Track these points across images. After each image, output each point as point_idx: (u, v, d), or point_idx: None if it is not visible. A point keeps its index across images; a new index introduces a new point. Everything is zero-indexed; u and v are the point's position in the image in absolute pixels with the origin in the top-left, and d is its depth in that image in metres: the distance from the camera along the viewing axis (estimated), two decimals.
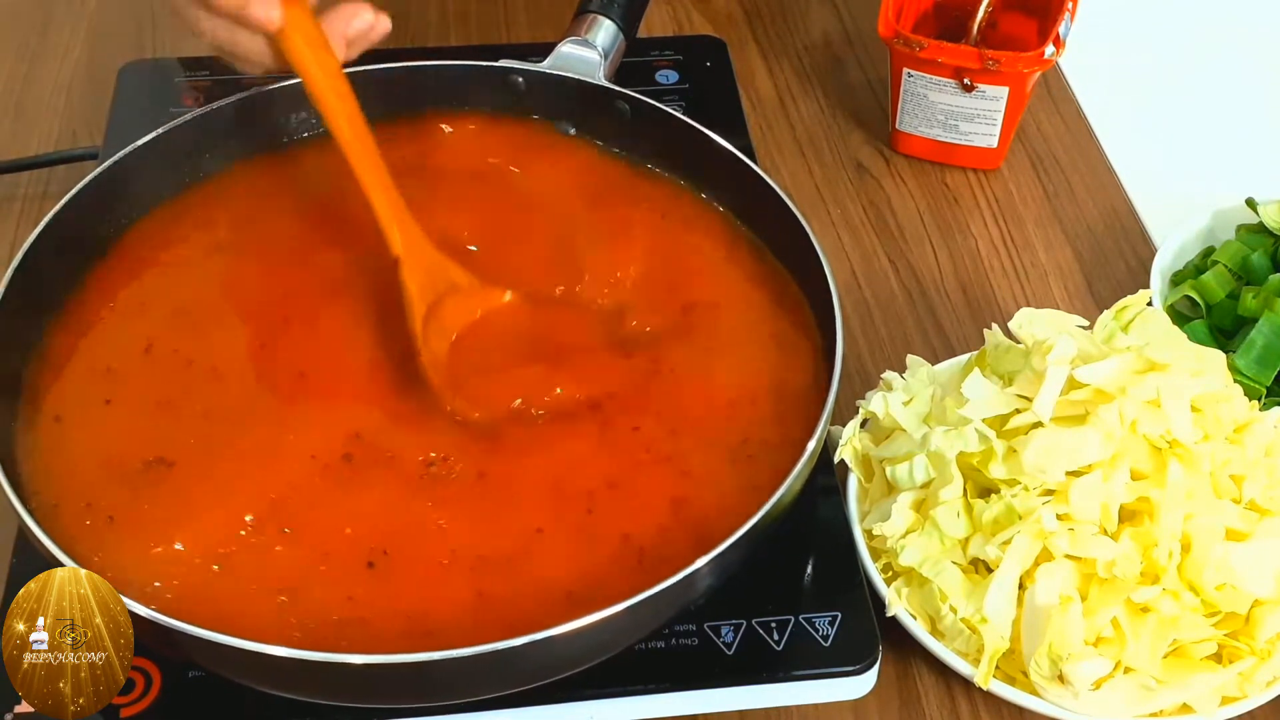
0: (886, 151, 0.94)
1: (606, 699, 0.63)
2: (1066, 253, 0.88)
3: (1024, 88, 0.88)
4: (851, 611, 0.65)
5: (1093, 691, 0.61)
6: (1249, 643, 0.62)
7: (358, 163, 0.66)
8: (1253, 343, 0.73)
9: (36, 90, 0.97)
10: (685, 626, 0.64)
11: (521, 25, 1.03)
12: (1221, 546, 0.61)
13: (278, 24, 0.63)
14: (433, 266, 0.67)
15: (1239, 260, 0.79)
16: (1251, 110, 0.99)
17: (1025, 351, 0.67)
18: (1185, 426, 0.62)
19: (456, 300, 0.67)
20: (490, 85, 0.78)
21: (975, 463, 0.63)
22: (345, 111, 0.66)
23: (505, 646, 0.53)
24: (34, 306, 0.67)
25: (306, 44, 0.64)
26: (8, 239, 0.85)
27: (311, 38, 0.65)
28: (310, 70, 0.65)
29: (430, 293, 0.66)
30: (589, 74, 0.77)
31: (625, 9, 0.80)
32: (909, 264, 0.87)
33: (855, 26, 1.05)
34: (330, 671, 0.54)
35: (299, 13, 0.64)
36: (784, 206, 0.70)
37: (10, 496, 0.58)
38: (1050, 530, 0.61)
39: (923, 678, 0.67)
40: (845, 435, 0.68)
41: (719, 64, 0.96)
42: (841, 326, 0.65)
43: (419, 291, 0.66)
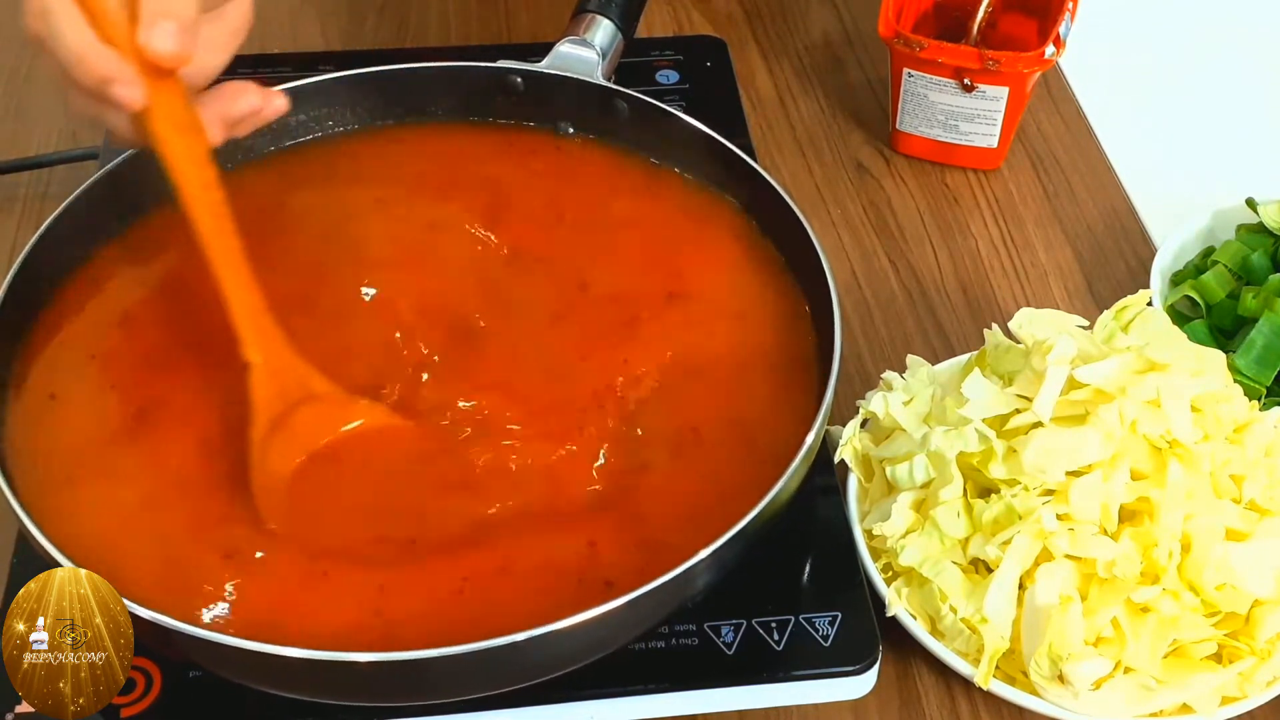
0: (886, 151, 0.94)
1: (606, 699, 0.63)
2: (1066, 253, 0.88)
3: (1024, 88, 0.88)
4: (851, 611, 0.65)
5: (1093, 691, 0.61)
6: (1249, 643, 0.62)
7: (215, 258, 0.61)
8: (1253, 343, 0.73)
9: (36, 90, 0.97)
10: (685, 626, 0.64)
11: (521, 25, 1.03)
12: (1221, 546, 0.61)
13: (140, 104, 0.58)
14: (289, 375, 0.63)
15: (1239, 260, 0.79)
16: (1251, 110, 0.99)
17: (1025, 351, 0.67)
18: (1185, 426, 0.62)
19: (314, 412, 0.63)
20: (489, 85, 0.78)
21: (975, 463, 0.63)
22: (208, 202, 0.61)
23: (504, 642, 0.53)
24: (33, 307, 0.67)
25: (172, 127, 0.59)
26: (8, 239, 0.85)
27: (179, 121, 0.60)
28: (172, 157, 0.60)
29: (280, 404, 0.62)
30: (587, 74, 0.77)
31: (623, 9, 0.80)
32: (909, 264, 0.87)
33: (855, 26, 1.05)
34: (331, 670, 0.54)
35: (168, 94, 0.59)
36: (785, 206, 0.70)
37: (9, 497, 0.58)
38: (1050, 530, 0.61)
39: (923, 678, 0.67)
40: (845, 435, 0.68)
41: (719, 64, 0.97)
42: (841, 326, 0.65)
43: (265, 402, 0.62)
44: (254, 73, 0.90)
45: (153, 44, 0.57)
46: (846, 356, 0.67)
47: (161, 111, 0.59)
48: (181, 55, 0.57)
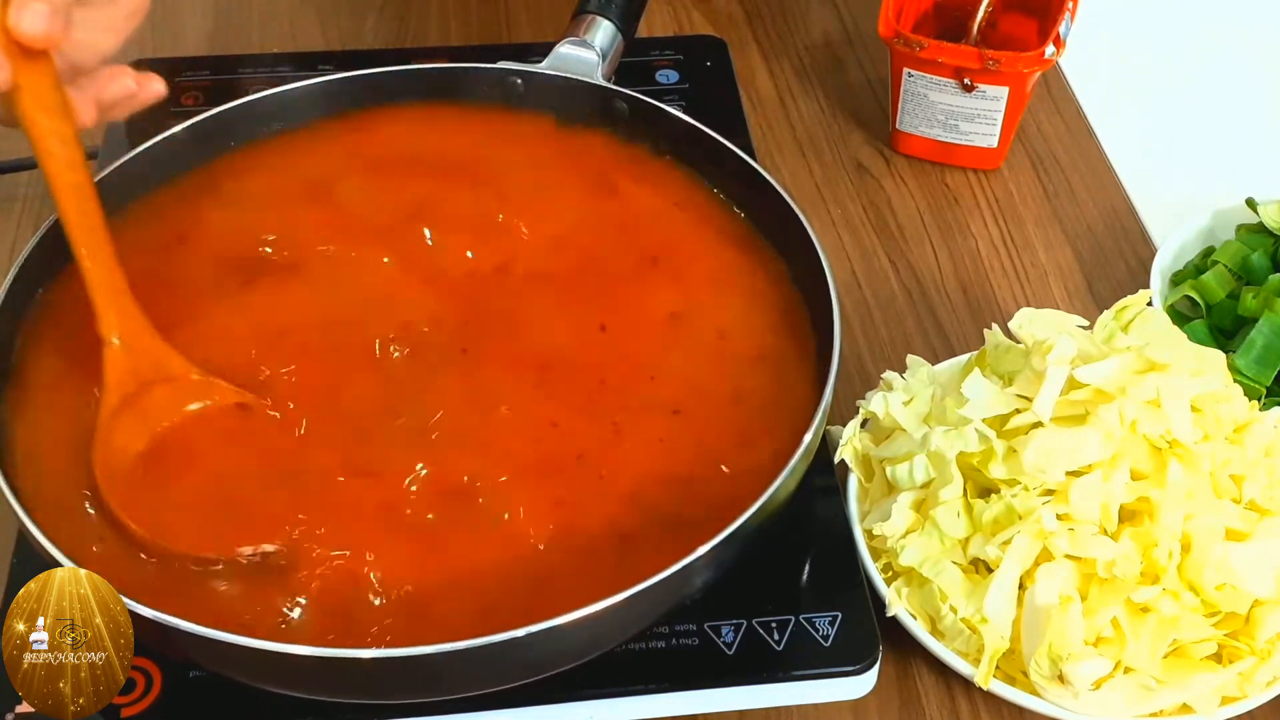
0: (886, 151, 0.94)
1: (606, 699, 0.63)
2: (1066, 253, 0.88)
3: (1024, 88, 0.88)
4: (851, 611, 0.65)
5: (1093, 691, 0.61)
6: (1249, 643, 0.62)
7: (76, 237, 0.62)
8: (1253, 343, 0.73)
9: None
10: (685, 626, 0.64)
11: (521, 25, 1.03)
12: (1221, 546, 0.61)
13: (5, 85, 0.58)
14: (144, 353, 0.63)
15: (1239, 260, 0.79)
16: (1251, 110, 0.99)
17: (1025, 351, 0.67)
18: (1185, 426, 0.62)
19: (169, 392, 0.63)
20: (489, 86, 0.78)
21: (975, 463, 0.63)
22: (71, 182, 0.61)
23: (504, 638, 0.53)
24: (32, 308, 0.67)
25: (39, 108, 0.60)
26: (8, 239, 0.85)
27: (46, 102, 0.60)
28: (38, 136, 0.60)
29: (133, 383, 0.63)
30: (587, 74, 0.77)
31: (623, 9, 0.80)
32: (909, 264, 0.87)
33: (855, 26, 1.05)
34: (331, 667, 0.54)
35: (37, 75, 0.59)
36: (785, 206, 0.70)
37: (10, 497, 0.58)
38: (1050, 530, 0.61)
39: (923, 678, 0.67)
40: (845, 435, 0.68)
41: (719, 64, 0.97)
42: (841, 326, 0.65)
43: (118, 380, 0.62)
44: (253, 73, 0.91)
45: (22, 26, 0.57)
46: (846, 356, 0.67)
47: (29, 93, 0.59)
48: (50, 38, 0.58)
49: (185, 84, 0.88)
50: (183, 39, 0.99)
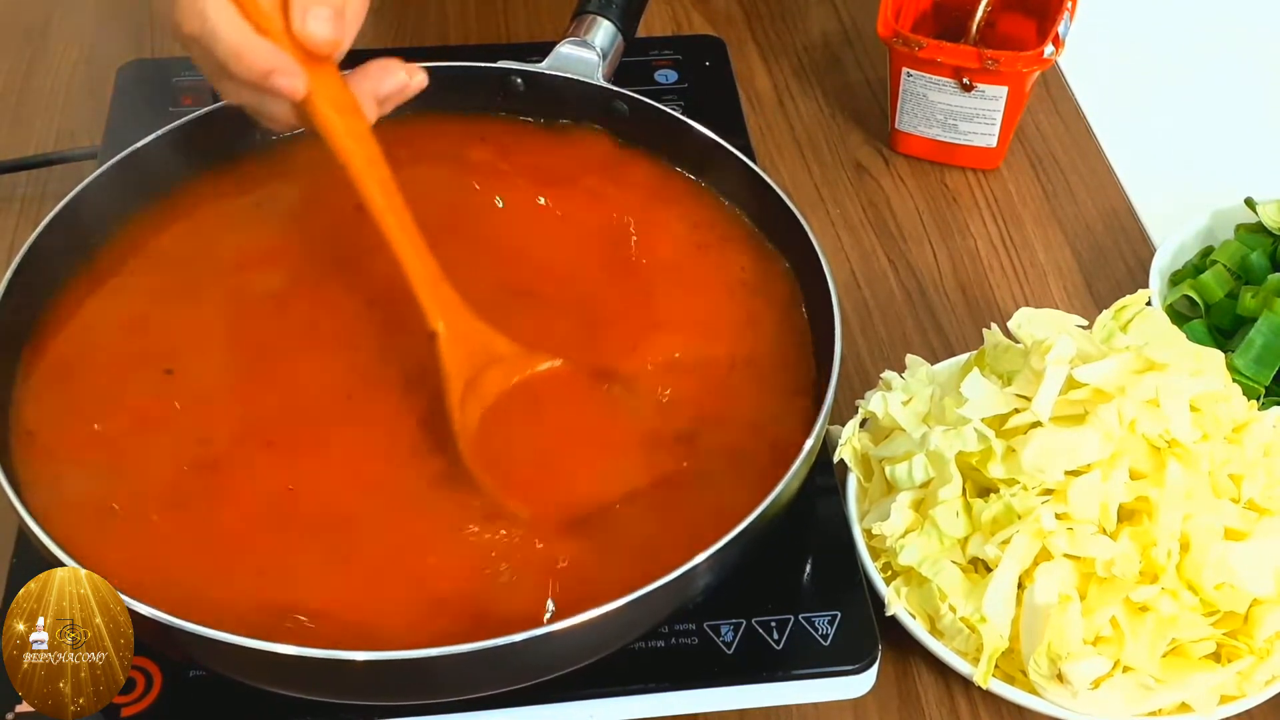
0: (886, 151, 0.94)
1: (606, 698, 0.63)
2: (1065, 252, 0.88)
3: (1023, 87, 0.88)
4: (851, 611, 0.65)
5: (1091, 690, 0.61)
6: (1247, 642, 0.62)
7: (391, 231, 0.62)
8: (1251, 342, 0.73)
9: (36, 90, 0.97)
10: (685, 626, 0.64)
11: (521, 25, 1.03)
12: (1220, 546, 0.61)
13: (303, 93, 0.59)
14: (473, 339, 0.64)
15: (1238, 260, 0.79)
16: (1251, 110, 1.00)
17: (1024, 351, 0.67)
18: (1184, 426, 0.62)
19: (497, 371, 0.64)
20: (489, 86, 0.78)
21: (974, 462, 0.64)
22: (377, 177, 0.62)
23: (503, 643, 0.53)
24: (31, 307, 0.67)
25: (334, 110, 0.61)
26: (7, 239, 0.85)
27: (339, 103, 0.61)
28: (338, 138, 0.61)
29: (469, 369, 0.63)
30: (587, 74, 0.77)
31: (623, 9, 0.80)
32: (908, 264, 0.87)
33: (854, 26, 1.05)
34: (329, 669, 0.54)
35: (326, 78, 0.60)
36: (784, 206, 0.70)
37: (10, 496, 0.58)
38: (1049, 530, 0.61)
39: (922, 677, 0.67)
40: (845, 435, 0.68)
41: (718, 64, 0.97)
42: (840, 326, 0.65)
43: (457, 369, 0.63)
44: None
45: (309, 31, 0.58)
46: (846, 356, 0.67)
47: (322, 96, 0.60)
48: (337, 40, 0.59)
49: (184, 84, 0.88)
50: None
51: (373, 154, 0.62)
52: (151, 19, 1.00)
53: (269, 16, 0.59)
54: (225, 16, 0.58)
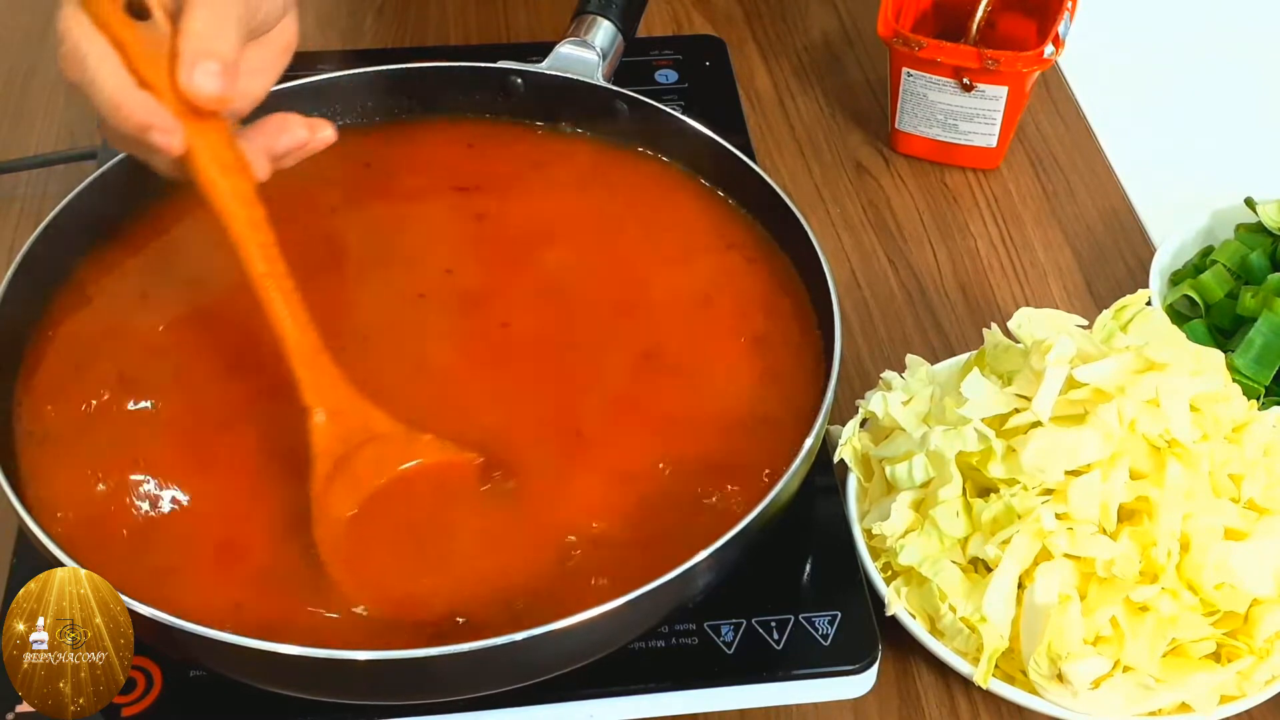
0: (886, 151, 0.94)
1: (606, 698, 0.63)
2: (1066, 252, 0.88)
3: (1023, 87, 0.88)
4: (851, 611, 0.65)
5: (1091, 690, 0.61)
6: (1247, 642, 0.62)
7: (269, 297, 0.59)
8: (1251, 342, 0.73)
9: (36, 90, 0.97)
10: (685, 626, 0.64)
11: (521, 25, 1.03)
12: (1220, 546, 0.61)
13: (179, 150, 0.56)
14: (350, 415, 0.60)
15: (1238, 260, 0.79)
16: (1251, 110, 1.00)
17: (1024, 351, 0.67)
18: (1184, 426, 0.62)
19: (375, 453, 0.61)
20: (489, 86, 0.78)
21: (974, 462, 0.64)
22: (257, 240, 0.58)
23: (502, 642, 0.53)
24: (31, 306, 0.67)
25: (216, 169, 0.57)
26: (7, 239, 0.85)
27: (222, 161, 0.57)
28: (218, 198, 0.58)
29: (341, 446, 0.60)
30: (587, 74, 0.77)
31: (623, 10, 0.80)
32: (908, 264, 0.87)
33: (855, 26, 1.05)
34: (330, 668, 0.54)
35: (210, 134, 0.57)
36: (784, 206, 0.70)
37: (10, 496, 0.58)
38: (1049, 529, 0.61)
39: (922, 677, 0.67)
40: (845, 435, 0.68)
41: (718, 63, 0.97)
42: (840, 326, 0.65)
43: (326, 447, 0.60)
44: None
45: (194, 86, 0.55)
46: (846, 356, 0.67)
47: (204, 153, 0.57)
48: (224, 97, 0.56)
49: None
50: None
51: (255, 216, 0.58)
52: None
53: (153, 68, 0.55)
54: (107, 66, 0.55)
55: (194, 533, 0.60)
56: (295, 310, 0.60)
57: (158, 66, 0.56)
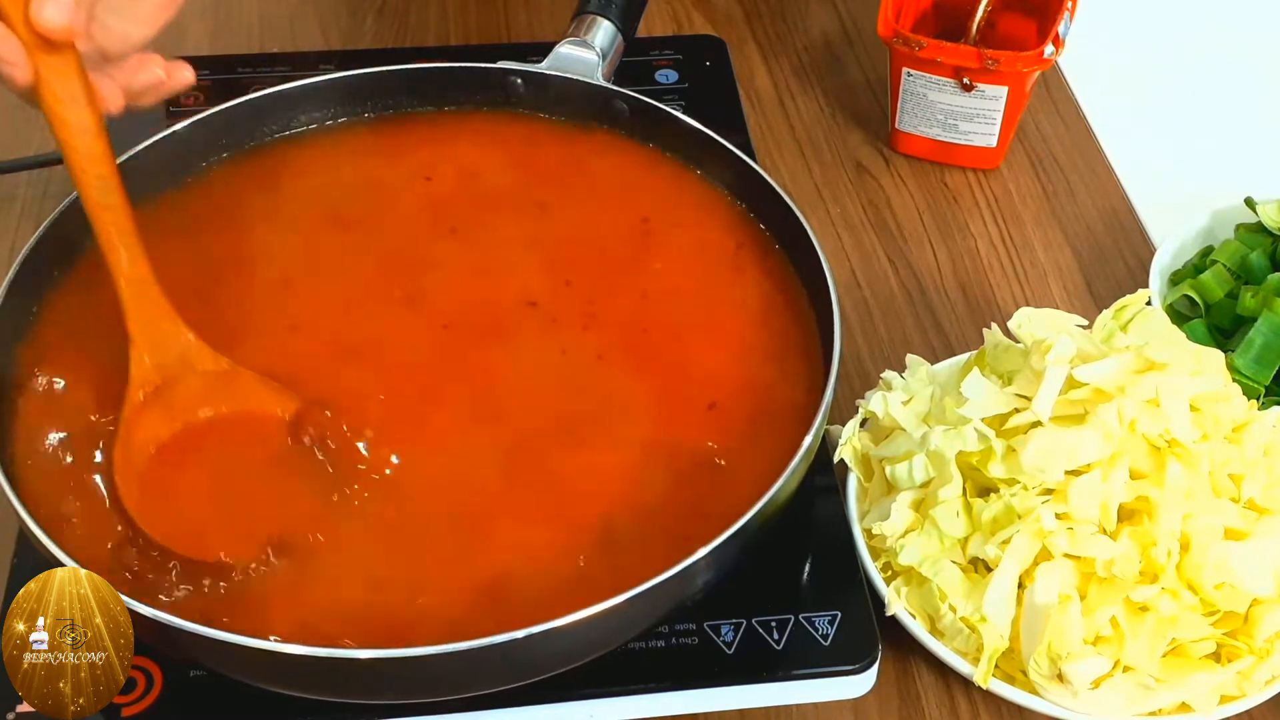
0: (886, 151, 0.94)
1: (606, 698, 0.63)
2: (1066, 252, 0.88)
3: (1023, 87, 0.88)
4: (851, 611, 0.65)
5: (1092, 690, 0.61)
6: (1248, 641, 0.62)
7: (101, 229, 0.61)
8: (1251, 342, 0.74)
9: None
10: (685, 625, 0.64)
11: (521, 25, 1.03)
12: (1220, 546, 0.61)
13: (23, 83, 0.58)
14: (170, 346, 0.63)
15: (1238, 259, 0.79)
16: (1251, 110, 1.00)
17: (1024, 351, 0.67)
18: (1184, 426, 0.62)
19: (194, 385, 0.63)
20: (489, 86, 0.78)
21: (974, 462, 0.64)
22: (95, 172, 0.60)
23: (504, 639, 0.53)
24: (33, 306, 0.67)
25: (60, 100, 0.59)
26: (7, 239, 0.85)
27: (69, 93, 0.59)
28: (60, 128, 0.60)
29: (157, 375, 0.62)
30: (587, 74, 0.77)
31: (623, 9, 0.80)
32: (908, 264, 0.87)
33: (855, 26, 1.05)
34: (331, 667, 0.54)
35: (60, 66, 0.59)
36: (784, 206, 0.70)
37: (10, 496, 0.58)
38: (1049, 529, 0.61)
39: (922, 677, 0.67)
40: (845, 435, 0.68)
41: (718, 63, 0.97)
42: (840, 326, 0.65)
43: (142, 376, 0.62)
44: (253, 73, 0.91)
45: (43, 17, 0.57)
46: (846, 356, 0.67)
47: (49, 85, 0.59)
48: (72, 29, 0.57)
49: None
50: (183, 39, 0.99)
51: (94, 149, 0.60)
52: None
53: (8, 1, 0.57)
54: None
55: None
56: (128, 242, 0.62)
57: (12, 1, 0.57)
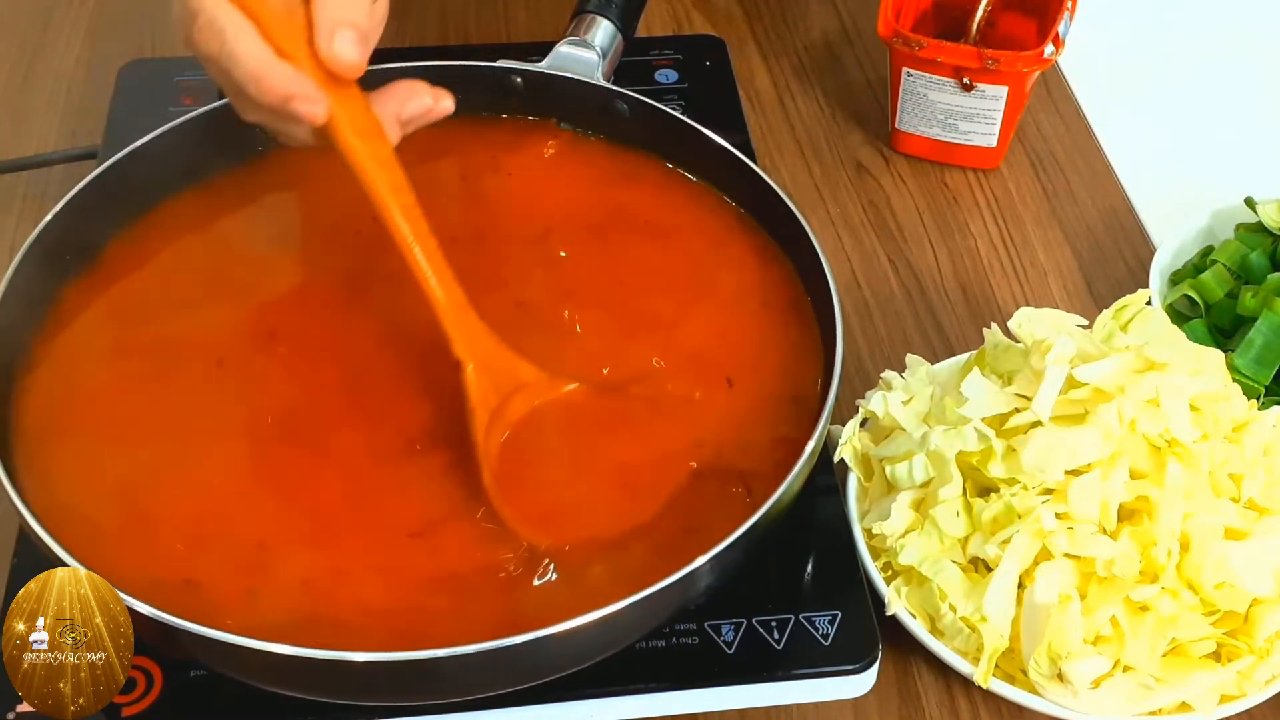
0: (886, 151, 0.95)
1: (606, 698, 0.63)
2: (1066, 252, 0.88)
3: (1023, 87, 0.88)
4: (851, 610, 0.65)
5: (1092, 690, 0.61)
6: (1248, 641, 0.62)
7: (414, 259, 0.60)
8: (1251, 342, 0.74)
9: (36, 89, 0.97)
10: (685, 625, 0.64)
11: (521, 25, 1.03)
12: (1220, 545, 0.61)
13: (324, 119, 0.57)
14: (500, 368, 0.62)
15: (1238, 259, 0.79)
16: (1251, 110, 1.00)
17: (1024, 351, 0.67)
18: (1184, 426, 0.62)
19: (521, 398, 0.63)
20: (489, 86, 0.78)
21: (975, 462, 0.64)
22: (401, 203, 0.60)
23: (506, 644, 0.53)
24: (32, 306, 0.67)
25: (356, 134, 0.59)
26: (7, 239, 0.85)
27: (362, 127, 0.59)
28: (360, 163, 0.59)
29: (495, 398, 0.62)
30: (587, 74, 0.77)
31: (623, 9, 0.80)
32: (909, 263, 0.87)
33: (855, 26, 1.05)
34: (331, 669, 0.54)
35: (349, 101, 0.59)
36: (784, 206, 0.70)
37: (11, 496, 0.58)
38: (1049, 529, 0.61)
39: (922, 676, 0.67)
40: (845, 434, 0.68)
41: (718, 63, 0.97)
42: (841, 326, 0.65)
43: (483, 400, 0.61)
44: None
45: (334, 54, 0.57)
46: (846, 356, 0.67)
47: (344, 120, 0.58)
48: (362, 62, 0.57)
49: (185, 83, 0.88)
50: None
51: (397, 180, 0.60)
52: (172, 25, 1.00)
53: (292, 39, 0.57)
54: (245, 38, 0.56)
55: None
56: (439, 269, 0.61)
57: (294, 37, 0.57)
